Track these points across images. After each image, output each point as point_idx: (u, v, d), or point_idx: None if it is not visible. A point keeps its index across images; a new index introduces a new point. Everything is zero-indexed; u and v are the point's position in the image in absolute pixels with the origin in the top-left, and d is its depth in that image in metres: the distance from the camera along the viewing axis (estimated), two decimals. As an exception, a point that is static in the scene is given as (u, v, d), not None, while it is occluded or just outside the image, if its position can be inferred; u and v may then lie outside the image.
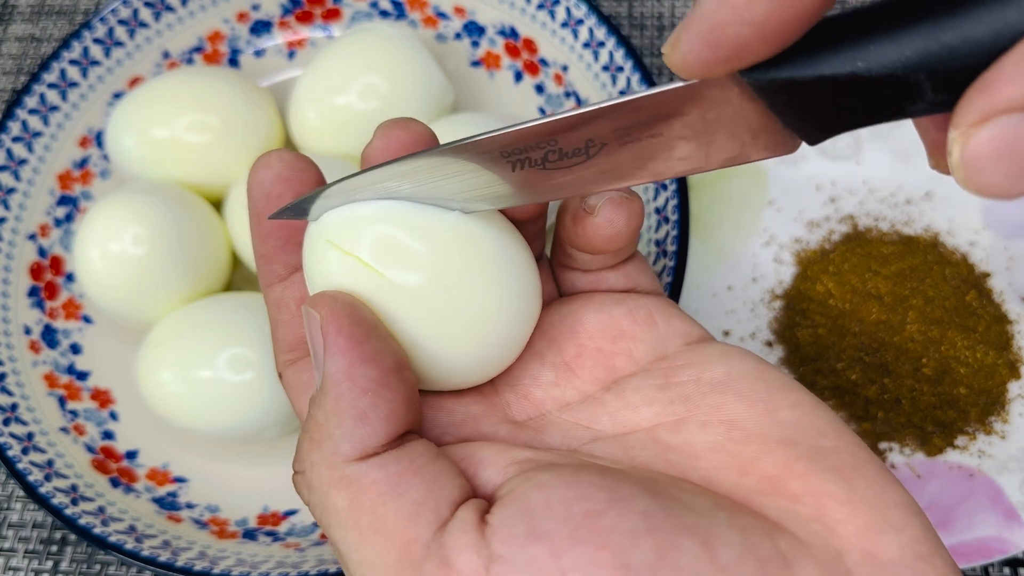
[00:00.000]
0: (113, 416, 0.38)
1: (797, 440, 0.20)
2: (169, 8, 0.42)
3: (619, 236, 0.23)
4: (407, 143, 0.22)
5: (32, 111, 0.40)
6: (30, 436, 0.35)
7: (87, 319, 0.39)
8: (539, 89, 0.41)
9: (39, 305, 0.39)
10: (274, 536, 0.35)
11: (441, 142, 0.36)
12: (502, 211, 0.23)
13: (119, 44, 0.41)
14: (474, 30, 0.42)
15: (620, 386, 0.22)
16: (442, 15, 0.43)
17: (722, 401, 0.21)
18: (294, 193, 0.23)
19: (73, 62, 0.41)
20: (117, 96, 0.42)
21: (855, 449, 0.20)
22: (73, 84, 0.41)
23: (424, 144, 0.22)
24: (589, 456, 0.21)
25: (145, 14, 0.41)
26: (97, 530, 0.33)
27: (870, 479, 0.19)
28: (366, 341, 0.20)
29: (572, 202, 0.23)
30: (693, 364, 0.22)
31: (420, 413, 0.21)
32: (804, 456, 0.19)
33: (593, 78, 0.39)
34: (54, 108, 0.40)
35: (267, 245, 0.24)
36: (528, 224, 0.24)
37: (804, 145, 0.19)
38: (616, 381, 0.23)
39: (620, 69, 0.38)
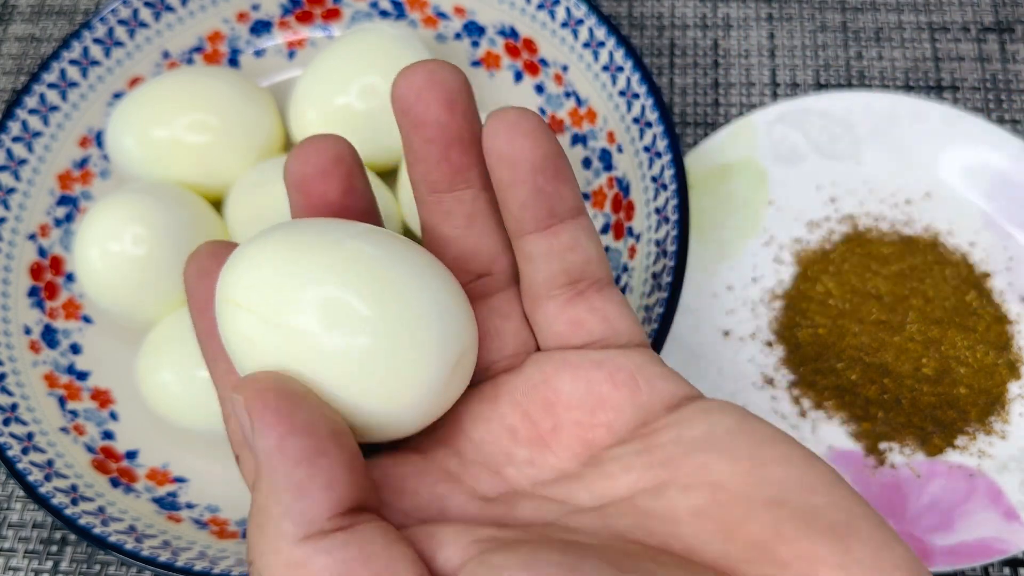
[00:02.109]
0: (113, 416, 0.38)
1: (786, 499, 0.18)
2: (169, 8, 0.42)
3: (513, 148, 0.21)
4: (326, 167, 0.22)
5: (32, 111, 0.40)
6: (30, 436, 0.35)
7: (87, 319, 0.39)
8: (539, 89, 0.41)
9: (39, 305, 0.39)
10: (274, 536, 0.35)
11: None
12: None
13: (119, 44, 0.41)
14: (474, 30, 0.42)
15: (598, 458, 0.21)
16: (442, 15, 0.43)
17: (705, 461, 0.19)
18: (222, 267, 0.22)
19: (73, 62, 0.41)
20: (117, 96, 0.42)
21: (850, 505, 0.18)
22: (73, 84, 0.41)
23: (344, 162, 0.22)
24: (564, 530, 0.19)
25: (145, 14, 0.41)
26: (97, 530, 0.32)
27: (867, 539, 0.17)
28: (294, 412, 0.18)
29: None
30: (673, 425, 0.20)
31: (369, 483, 0.19)
32: (794, 517, 0.18)
33: (593, 78, 0.39)
34: (54, 108, 0.40)
35: (203, 319, 0.22)
36: (479, 226, 0.23)
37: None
38: (594, 455, 0.21)
39: (620, 69, 0.38)
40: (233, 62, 0.43)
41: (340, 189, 0.22)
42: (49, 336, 0.39)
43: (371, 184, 0.37)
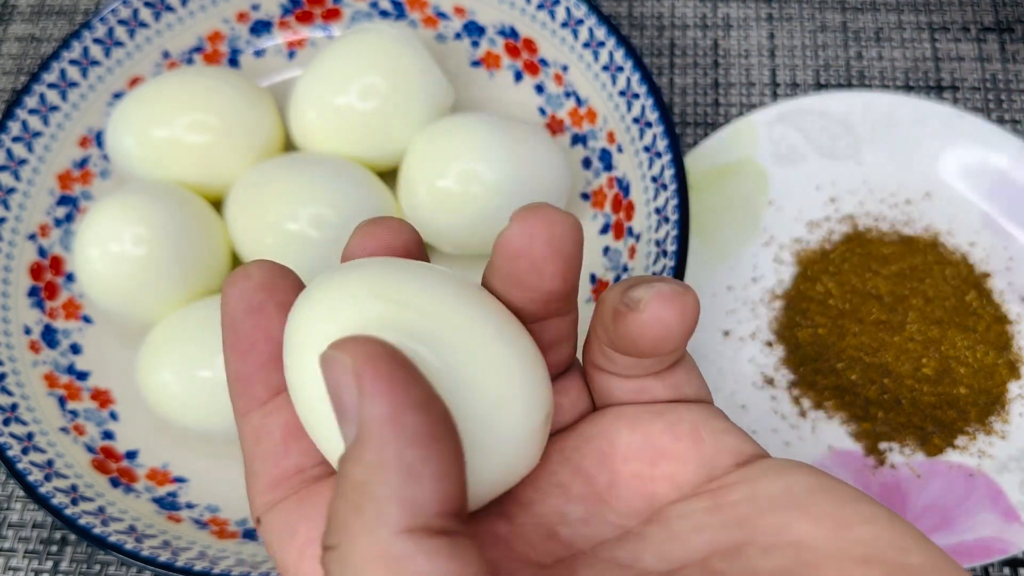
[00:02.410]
0: (113, 416, 0.38)
1: (879, 557, 0.17)
2: (169, 8, 0.42)
3: (669, 338, 0.19)
4: (389, 243, 0.20)
5: (32, 111, 0.40)
6: (30, 436, 0.35)
7: (87, 319, 0.39)
8: (539, 89, 0.41)
9: (39, 305, 0.39)
10: (274, 536, 0.35)
11: (441, 144, 0.36)
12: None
13: (119, 44, 0.41)
14: (474, 30, 0.42)
15: (663, 515, 0.19)
16: (442, 15, 0.43)
17: (785, 520, 0.18)
18: (276, 303, 0.19)
19: (73, 62, 0.41)
20: (117, 96, 0.42)
21: (944, 565, 0.17)
22: (73, 84, 0.41)
23: (404, 244, 0.20)
24: None
25: (145, 14, 0.41)
26: (97, 530, 0.32)
27: None
28: (410, 385, 0.16)
29: (612, 295, 0.19)
30: (746, 481, 0.19)
31: (466, 493, 0.16)
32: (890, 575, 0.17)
33: (593, 78, 0.39)
34: (54, 108, 0.40)
35: (246, 364, 0.20)
36: (554, 321, 0.20)
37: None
38: (658, 511, 0.19)
39: (620, 69, 0.38)
40: (233, 62, 0.43)
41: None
42: (49, 336, 0.39)
43: (372, 184, 0.37)
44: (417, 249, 0.21)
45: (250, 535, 0.35)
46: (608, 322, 0.19)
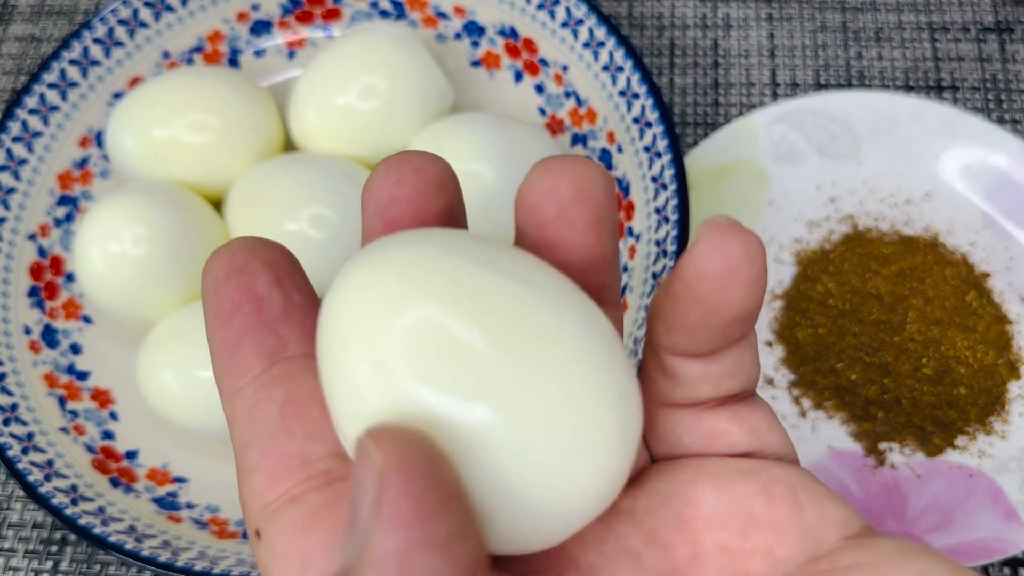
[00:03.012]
0: (113, 416, 0.38)
1: None
2: (169, 8, 0.42)
3: (735, 277, 0.15)
4: (419, 188, 0.16)
5: (32, 111, 0.40)
6: (30, 436, 0.35)
7: (87, 319, 0.39)
8: (539, 89, 0.41)
9: (39, 305, 0.39)
10: (274, 536, 0.35)
11: (441, 144, 0.36)
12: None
13: (119, 44, 0.41)
14: (474, 30, 0.42)
15: None
16: (442, 15, 0.43)
17: None
18: (260, 260, 0.17)
19: (73, 62, 0.41)
20: (117, 96, 0.42)
21: None
22: (73, 84, 0.41)
23: (441, 186, 0.16)
24: None
25: (145, 14, 0.41)
26: (97, 530, 0.33)
27: None
28: (440, 516, 0.12)
29: (666, 280, 0.16)
30: (864, 566, 0.15)
31: None
32: None
33: (593, 78, 0.39)
34: (54, 108, 0.40)
35: (231, 328, 0.16)
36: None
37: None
38: None
39: (620, 69, 0.38)
40: (233, 62, 0.43)
41: (441, 221, 0.17)
42: (49, 336, 0.39)
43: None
44: (455, 192, 0.17)
45: (250, 535, 0.35)
46: (664, 290, 0.16)
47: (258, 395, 0.16)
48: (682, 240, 0.34)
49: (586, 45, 0.39)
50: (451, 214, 0.17)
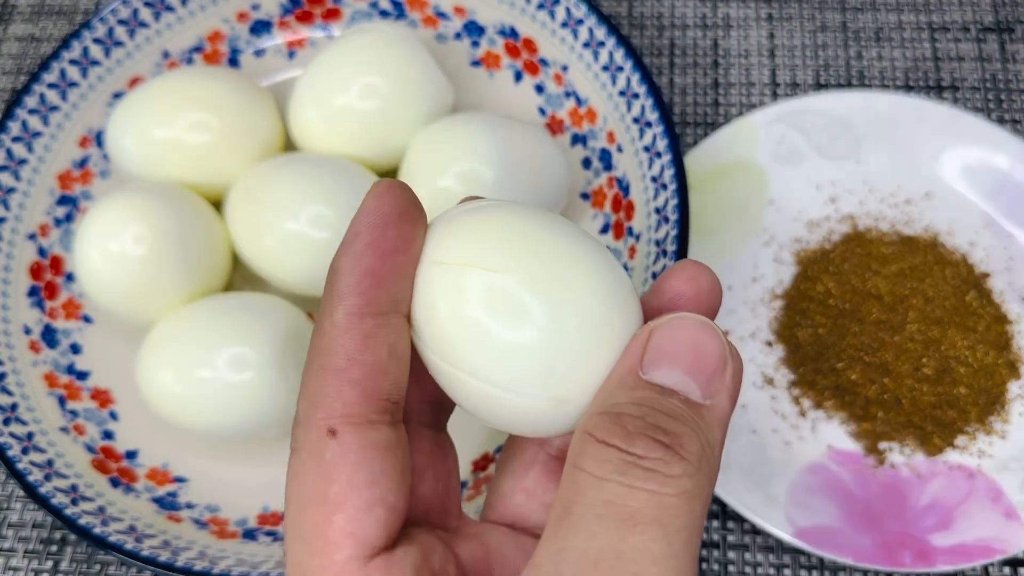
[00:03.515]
0: (113, 416, 0.38)
1: None
2: (169, 8, 0.42)
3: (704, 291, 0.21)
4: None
5: (32, 111, 0.40)
6: (30, 436, 0.35)
7: (87, 319, 0.39)
8: (539, 89, 0.41)
9: (39, 305, 0.39)
10: (274, 536, 0.35)
11: (441, 144, 0.36)
12: None
13: (119, 44, 0.41)
14: (474, 30, 0.42)
15: None
16: (442, 15, 0.43)
17: None
18: (422, 218, 0.20)
19: (73, 62, 0.41)
20: (117, 96, 0.42)
21: None
22: (73, 84, 0.41)
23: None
24: None
25: (145, 14, 0.41)
26: (97, 530, 0.32)
27: None
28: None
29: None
30: None
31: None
32: None
33: (593, 78, 0.39)
34: (54, 108, 0.40)
35: (384, 264, 0.19)
36: None
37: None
38: None
39: (620, 69, 0.38)
40: (233, 62, 0.43)
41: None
42: (49, 336, 0.39)
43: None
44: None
45: (250, 535, 0.35)
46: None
47: (378, 330, 0.19)
48: (682, 240, 0.34)
49: (586, 45, 0.39)
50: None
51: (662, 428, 0.17)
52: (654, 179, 0.36)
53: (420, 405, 0.22)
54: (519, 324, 0.19)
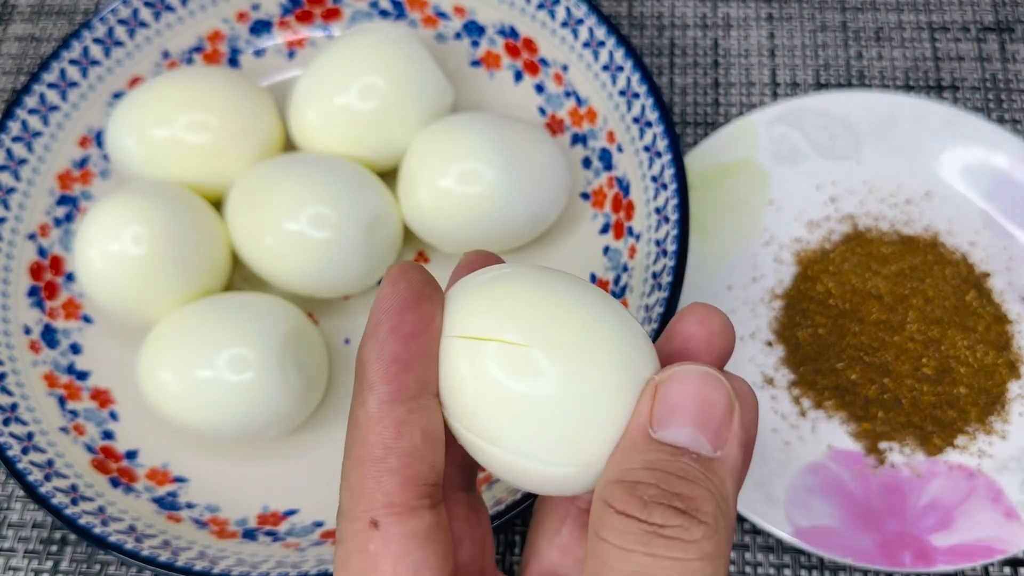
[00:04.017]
0: (113, 416, 0.38)
1: None
2: (169, 8, 0.42)
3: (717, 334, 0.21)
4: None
5: (32, 111, 0.40)
6: (30, 436, 0.35)
7: (87, 319, 0.39)
8: (539, 89, 0.41)
9: (39, 305, 0.39)
10: (274, 536, 0.35)
11: (441, 144, 0.36)
12: None
13: (119, 44, 0.41)
14: (474, 30, 0.42)
15: None
16: (442, 15, 0.43)
17: None
18: (439, 299, 0.21)
19: (73, 62, 0.41)
20: (117, 96, 0.42)
21: None
22: (73, 84, 0.41)
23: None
24: None
25: (145, 14, 0.41)
26: (97, 530, 0.33)
27: None
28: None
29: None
30: None
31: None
32: None
33: (593, 78, 0.39)
34: (54, 108, 0.40)
35: (408, 349, 0.20)
36: None
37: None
38: None
39: (620, 69, 0.38)
40: (233, 62, 0.43)
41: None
42: (49, 336, 0.39)
43: (372, 184, 0.37)
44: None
45: (250, 535, 0.35)
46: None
47: (410, 416, 0.20)
48: (682, 240, 0.34)
49: (586, 45, 0.39)
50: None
51: (677, 494, 0.18)
52: (654, 179, 0.36)
53: (451, 470, 0.22)
54: (542, 396, 0.19)
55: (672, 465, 0.18)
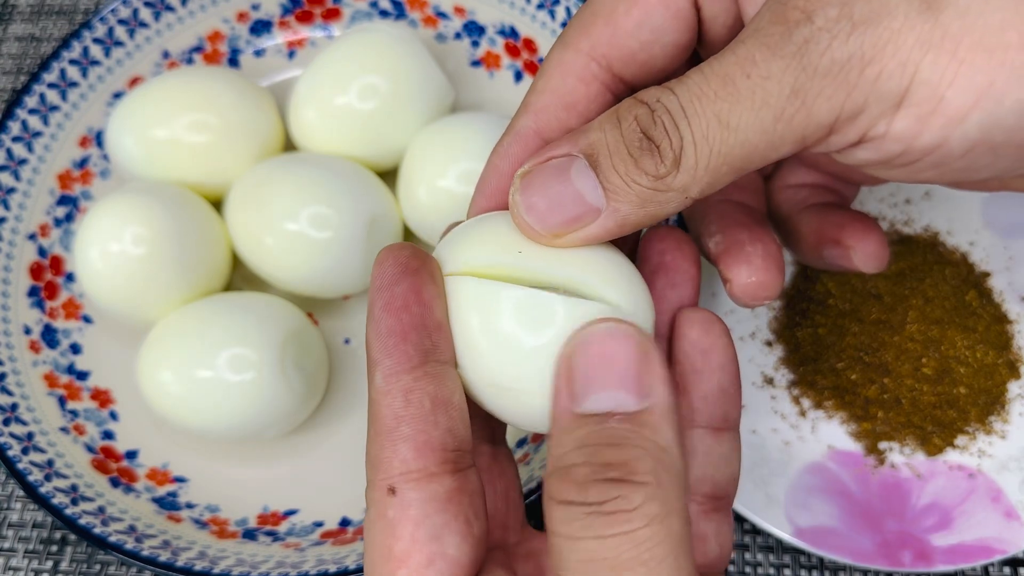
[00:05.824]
0: (113, 416, 0.38)
1: None
2: (169, 8, 0.42)
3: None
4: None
5: (32, 111, 0.40)
6: (30, 436, 0.35)
7: (87, 319, 0.39)
8: (539, 89, 0.41)
9: (39, 305, 0.39)
10: (274, 536, 0.35)
11: (441, 144, 0.36)
12: None
13: (119, 44, 0.41)
14: (474, 30, 0.42)
15: None
16: (442, 15, 0.43)
17: None
18: (428, 271, 0.21)
19: (73, 62, 0.41)
20: (117, 96, 0.42)
21: None
22: (73, 84, 0.41)
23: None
24: None
25: (145, 14, 0.41)
26: (97, 530, 0.33)
27: None
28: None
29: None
30: None
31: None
32: None
33: (593, 78, 0.39)
34: (54, 108, 0.40)
35: (400, 321, 0.20)
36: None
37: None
38: None
39: (620, 69, 0.38)
40: (233, 62, 0.43)
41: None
42: (49, 336, 0.39)
43: (372, 184, 0.37)
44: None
45: (250, 535, 0.35)
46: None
47: (416, 383, 0.20)
48: (682, 240, 0.34)
49: (586, 45, 0.39)
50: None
51: (608, 464, 0.17)
52: (654, 179, 0.36)
53: (472, 420, 0.22)
54: (539, 327, 0.19)
55: (599, 435, 0.18)
